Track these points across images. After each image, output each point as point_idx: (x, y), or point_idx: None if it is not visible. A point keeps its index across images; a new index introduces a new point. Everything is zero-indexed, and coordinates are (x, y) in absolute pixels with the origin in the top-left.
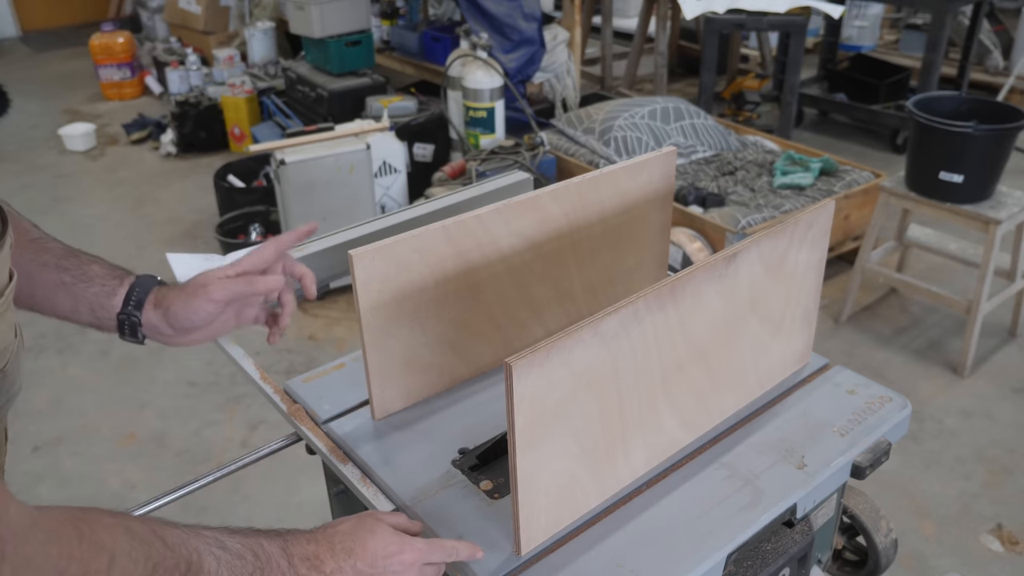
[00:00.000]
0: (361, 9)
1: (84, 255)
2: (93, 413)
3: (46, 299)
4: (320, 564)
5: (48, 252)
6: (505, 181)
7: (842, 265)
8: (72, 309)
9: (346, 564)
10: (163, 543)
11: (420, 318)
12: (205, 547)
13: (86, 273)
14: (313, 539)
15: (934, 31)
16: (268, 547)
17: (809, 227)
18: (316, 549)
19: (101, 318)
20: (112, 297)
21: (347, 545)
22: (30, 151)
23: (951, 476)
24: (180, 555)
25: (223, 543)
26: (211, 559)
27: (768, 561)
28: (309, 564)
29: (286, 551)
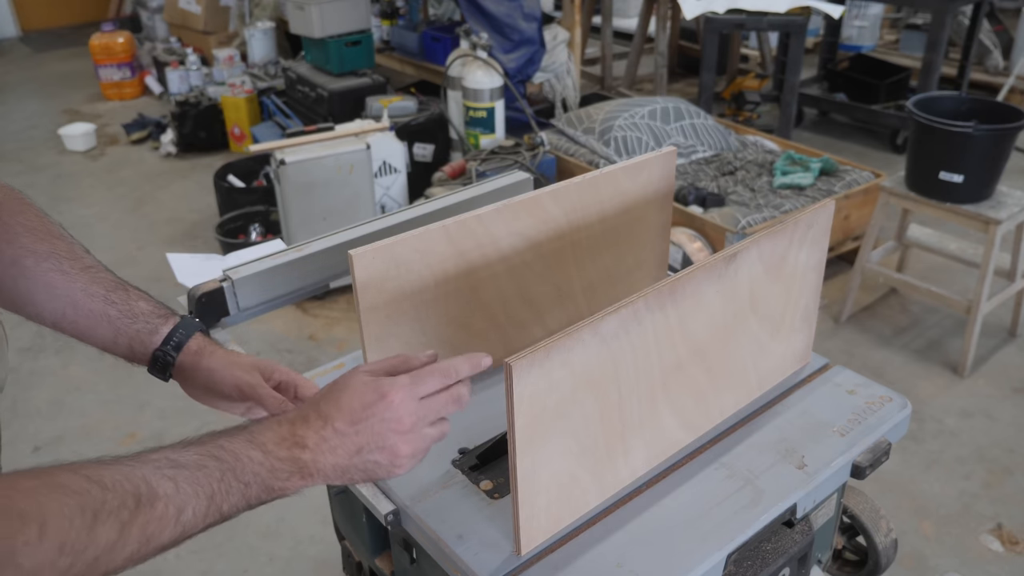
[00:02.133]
0: (361, 9)
1: (132, 289)
2: (93, 413)
3: (88, 328)
4: (300, 440)
5: (99, 283)
6: (505, 181)
7: (842, 265)
8: (111, 342)
9: (326, 431)
10: (100, 486)
11: (420, 318)
12: (154, 472)
13: (132, 309)
14: (285, 420)
15: (934, 31)
16: (230, 445)
17: (809, 227)
18: (290, 428)
19: (137, 352)
20: (154, 335)
21: (322, 411)
22: (30, 151)
23: (951, 476)
24: (124, 491)
25: (175, 460)
26: (164, 482)
27: (768, 561)
28: (288, 444)
29: (254, 441)
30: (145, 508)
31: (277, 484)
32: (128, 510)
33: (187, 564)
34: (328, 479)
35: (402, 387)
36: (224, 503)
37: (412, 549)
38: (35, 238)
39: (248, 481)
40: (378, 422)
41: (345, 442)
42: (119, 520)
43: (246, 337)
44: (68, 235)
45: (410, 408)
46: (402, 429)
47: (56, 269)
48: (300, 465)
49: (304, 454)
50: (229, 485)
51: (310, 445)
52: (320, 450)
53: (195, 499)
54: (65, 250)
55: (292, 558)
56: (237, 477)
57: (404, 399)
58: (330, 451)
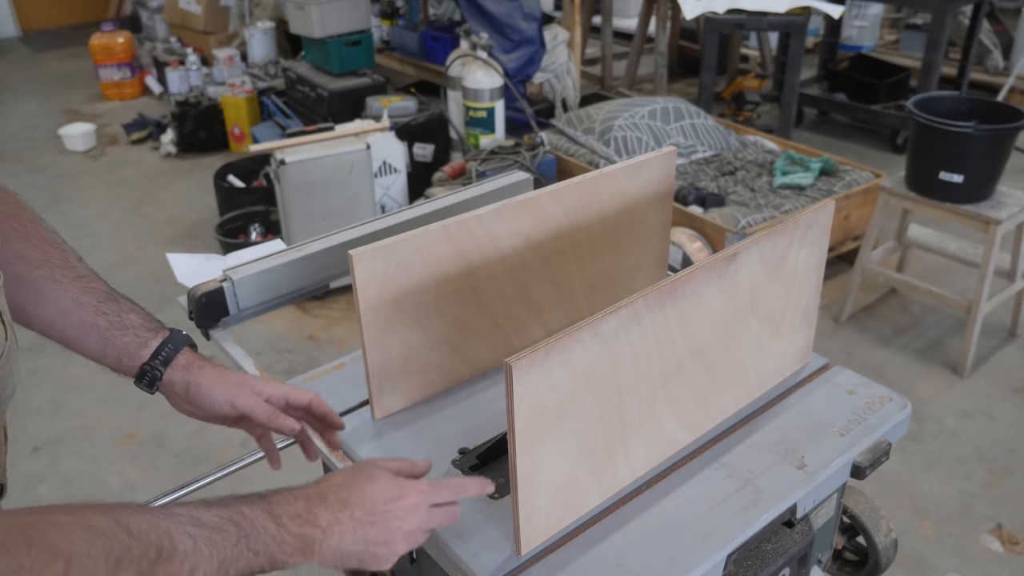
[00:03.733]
0: (361, 9)
1: (124, 301)
2: (93, 413)
3: (77, 338)
4: (313, 519)
5: (90, 293)
6: (505, 181)
7: (842, 265)
8: (100, 353)
9: (343, 515)
10: (127, 533)
11: (420, 318)
12: (177, 527)
13: (123, 321)
14: (302, 495)
15: (934, 31)
16: (250, 513)
17: (809, 227)
18: (307, 505)
19: (124, 364)
20: (142, 348)
21: (342, 496)
22: (30, 151)
23: (951, 476)
24: (148, 541)
25: (198, 519)
26: (185, 539)
27: (768, 561)
28: (301, 521)
29: (271, 512)
30: (164, 562)
31: (281, 558)
32: (148, 561)
33: None
34: (326, 560)
35: (421, 492)
36: (232, 568)
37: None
38: (28, 244)
39: (258, 551)
40: (393, 519)
41: (358, 531)
42: (138, 570)
43: (246, 337)
44: (62, 242)
45: (421, 513)
46: (407, 530)
47: (48, 277)
48: (307, 543)
49: (315, 533)
50: (240, 552)
51: (322, 525)
52: (330, 532)
53: (208, 561)
54: (58, 258)
55: None
56: (249, 546)
57: (419, 504)
58: (339, 535)
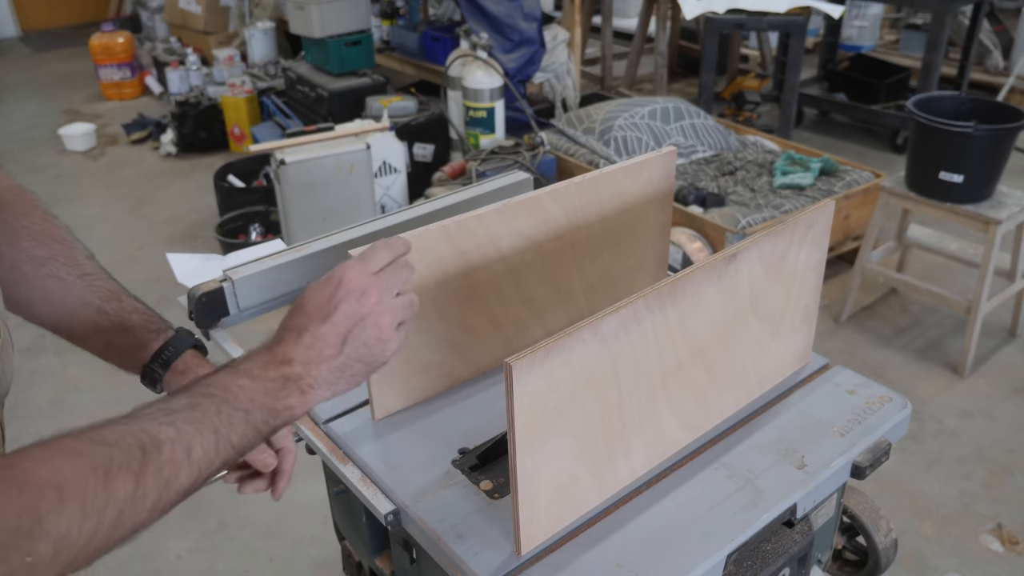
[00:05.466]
0: (361, 9)
1: (128, 299)
2: (93, 413)
3: (82, 336)
4: (282, 356)
5: (94, 292)
6: (505, 181)
7: (842, 265)
8: (102, 352)
9: (305, 338)
10: (105, 445)
11: (420, 318)
12: (151, 422)
13: (124, 322)
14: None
15: (934, 31)
16: (217, 380)
17: (809, 227)
18: (268, 353)
19: (127, 364)
20: (143, 350)
21: (292, 326)
22: (30, 151)
23: (951, 476)
24: (128, 444)
25: (167, 408)
26: (164, 427)
27: (768, 561)
28: (274, 364)
29: (238, 370)
30: (153, 455)
31: (279, 404)
32: (137, 460)
33: (187, 564)
34: (330, 385)
35: (352, 267)
36: (232, 433)
37: (412, 549)
38: (36, 242)
39: (247, 407)
40: (348, 304)
41: (328, 340)
42: (131, 471)
43: (246, 337)
44: (73, 239)
45: (369, 280)
46: (371, 302)
47: (53, 276)
48: (294, 380)
49: (294, 368)
50: (230, 416)
51: (297, 358)
52: (308, 360)
53: (199, 436)
54: (65, 256)
55: (292, 558)
56: (234, 406)
57: (360, 275)
58: (318, 356)
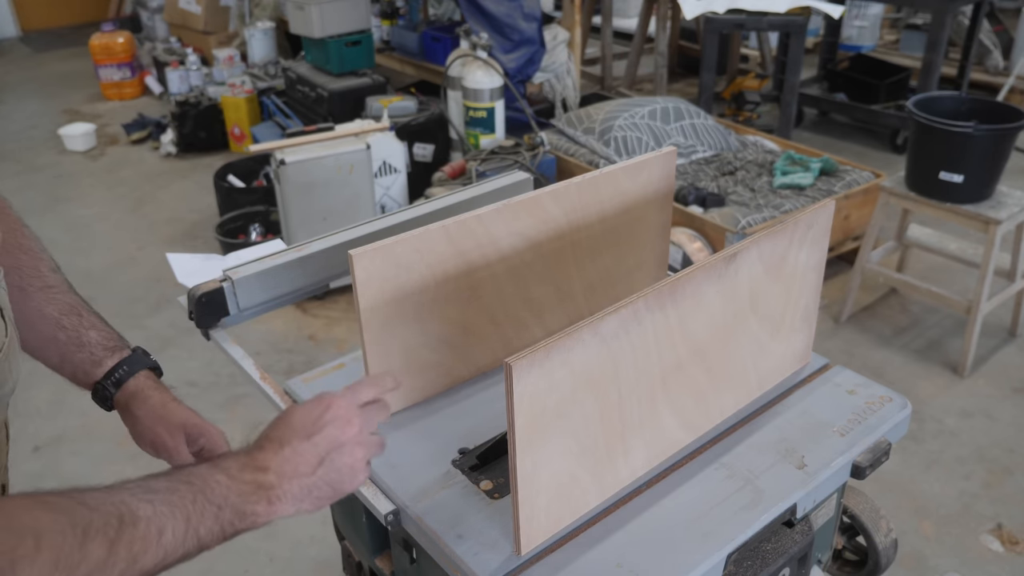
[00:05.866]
0: (361, 9)
1: (88, 315)
2: (92, 413)
3: (38, 348)
4: (261, 463)
5: (54, 304)
6: (505, 181)
7: (842, 265)
8: (57, 365)
9: (285, 451)
10: (86, 507)
11: (420, 318)
12: (131, 496)
13: (81, 338)
14: (242, 450)
15: (934, 31)
16: (198, 471)
17: (809, 227)
18: (247, 455)
19: (80, 381)
20: (96, 367)
21: (275, 436)
22: (30, 151)
23: (951, 476)
24: (107, 512)
25: (149, 487)
26: (143, 504)
27: (768, 561)
28: (250, 468)
29: (218, 466)
30: (128, 527)
31: (248, 508)
32: (114, 528)
33: (187, 564)
34: (297, 501)
35: (342, 396)
36: (200, 526)
37: (412, 549)
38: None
39: (220, 504)
40: (331, 429)
41: (306, 458)
42: (107, 537)
43: (246, 337)
44: (40, 249)
45: (355, 411)
46: (352, 432)
47: (15, 286)
48: (266, 488)
49: (268, 477)
50: (203, 508)
51: (272, 468)
52: (283, 472)
53: (172, 520)
54: (29, 266)
55: (292, 558)
56: (208, 499)
57: (348, 406)
58: (292, 472)
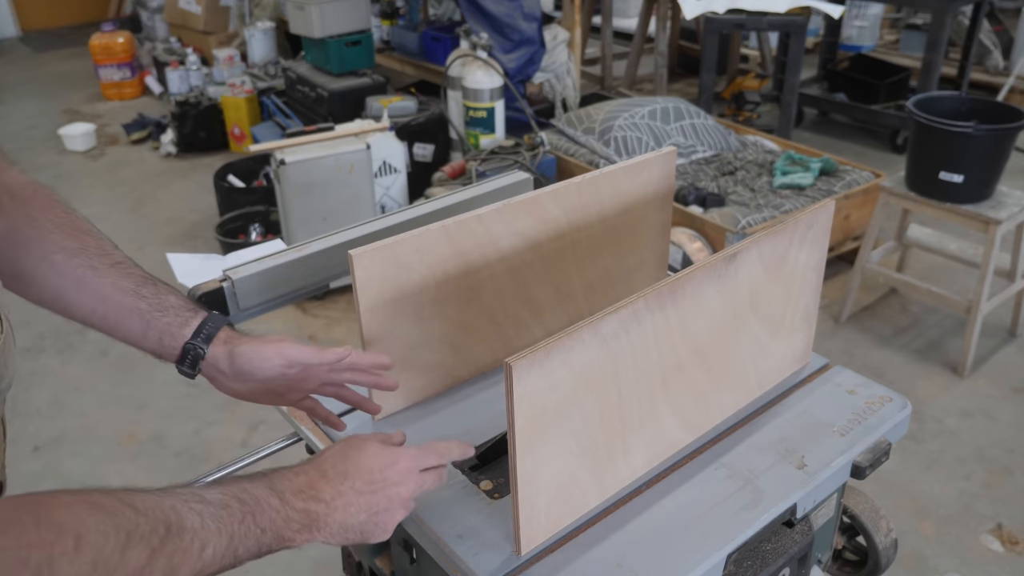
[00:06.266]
0: (361, 9)
1: (162, 284)
2: (93, 413)
3: (119, 322)
4: (317, 493)
5: (129, 278)
6: (505, 181)
7: (842, 265)
8: (141, 335)
9: (344, 486)
10: (134, 510)
11: (420, 318)
12: (182, 504)
13: (163, 302)
14: (302, 471)
15: (934, 31)
16: (253, 490)
17: (809, 227)
18: (308, 479)
19: (166, 346)
20: (184, 327)
21: (340, 468)
22: (30, 151)
23: (951, 476)
24: (156, 518)
25: (202, 497)
26: (192, 515)
27: (768, 561)
28: (304, 496)
29: (273, 488)
30: (174, 538)
31: (287, 535)
32: (159, 537)
33: None
34: (331, 536)
35: (412, 457)
36: (240, 546)
37: (412, 549)
38: (64, 234)
39: (265, 527)
40: (391, 486)
41: (360, 501)
42: (150, 546)
43: None
44: (97, 231)
45: (414, 477)
46: (404, 496)
47: (86, 265)
48: (312, 518)
49: (319, 507)
50: (248, 529)
51: (326, 499)
52: (334, 506)
53: (217, 537)
54: (94, 246)
55: (292, 558)
56: (256, 522)
57: (412, 469)
58: (343, 508)
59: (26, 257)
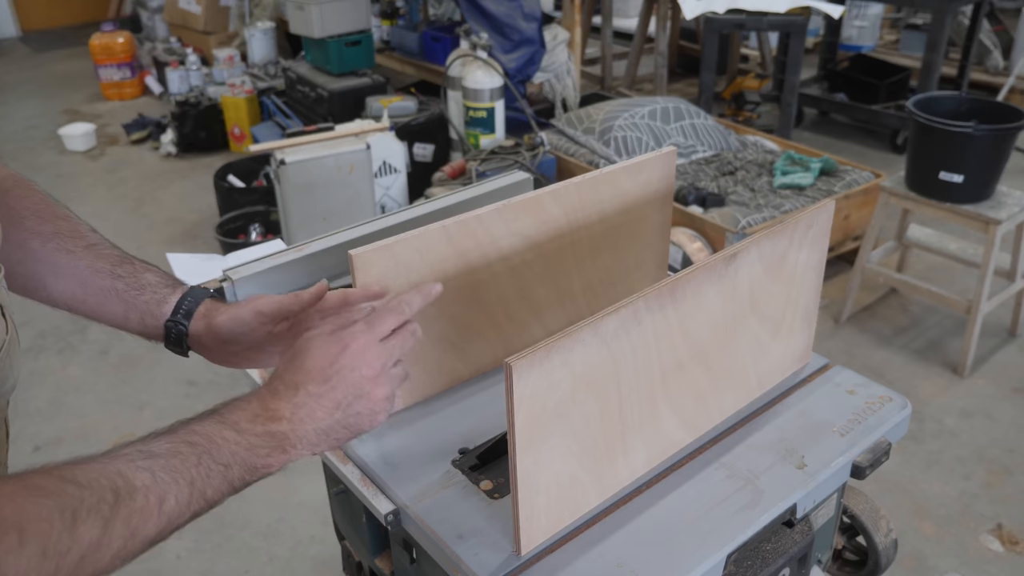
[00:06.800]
0: (361, 9)
1: (139, 262)
2: (93, 413)
3: (99, 305)
4: (273, 413)
5: (104, 259)
6: (505, 181)
7: (842, 265)
8: (123, 317)
9: (299, 397)
10: (76, 485)
11: (420, 318)
12: (128, 465)
13: (139, 281)
14: (253, 397)
15: (934, 31)
16: (202, 429)
17: (809, 227)
18: (260, 403)
19: (149, 326)
20: (163, 305)
21: (289, 380)
22: (30, 151)
23: (951, 476)
24: (101, 487)
25: (148, 451)
26: (141, 473)
27: (768, 561)
28: (261, 419)
29: (225, 421)
30: (125, 501)
31: (259, 462)
32: (108, 505)
33: (187, 564)
34: (313, 446)
35: (362, 333)
36: (207, 488)
37: (412, 549)
38: (39, 220)
39: (227, 462)
40: (348, 372)
41: (322, 402)
42: (100, 517)
43: None
44: (73, 215)
45: (374, 351)
46: (372, 374)
47: (61, 248)
48: (279, 439)
49: (281, 425)
50: (208, 469)
51: (286, 415)
52: (297, 418)
53: (175, 486)
54: (68, 229)
55: (292, 558)
56: (215, 459)
57: (366, 344)
58: (308, 416)
59: (4, 247)
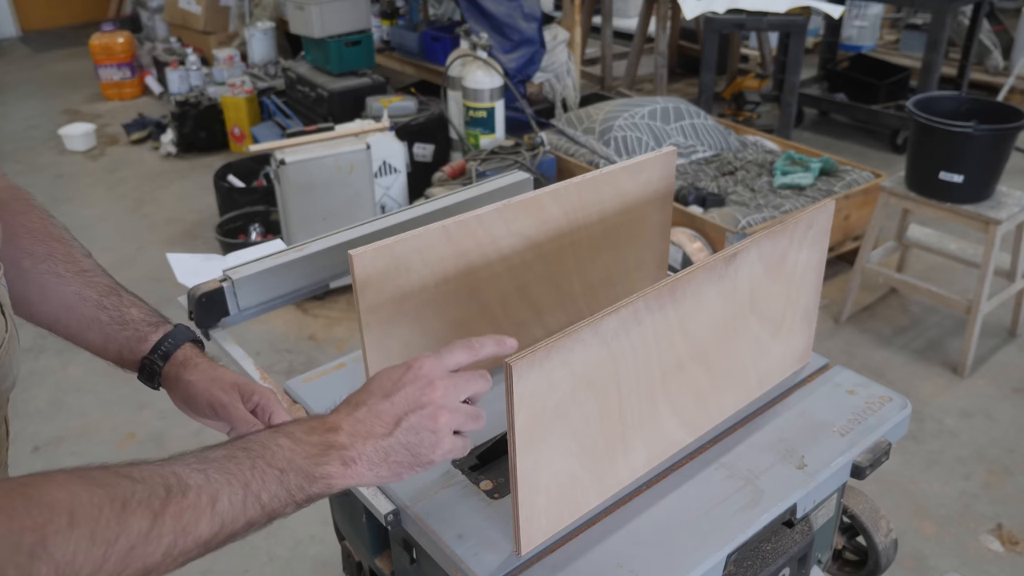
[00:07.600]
0: (361, 9)
1: (127, 295)
2: (93, 413)
3: (80, 332)
4: (332, 424)
5: (93, 287)
6: (505, 181)
7: (842, 265)
8: (102, 347)
9: (359, 412)
10: (129, 480)
11: (420, 318)
12: (184, 467)
13: (123, 316)
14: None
15: (934, 31)
16: (258, 437)
17: (809, 227)
18: (318, 419)
19: (126, 359)
20: (142, 343)
21: (351, 400)
22: (30, 151)
23: (951, 476)
24: (154, 483)
25: (203, 457)
26: (195, 474)
27: (768, 561)
28: (318, 430)
29: (281, 431)
30: (176, 497)
31: (317, 471)
32: (159, 499)
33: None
34: (374, 466)
35: (428, 357)
36: (262, 492)
37: (412, 549)
38: (34, 240)
39: (283, 467)
40: (411, 388)
41: (383, 417)
42: (150, 509)
43: (246, 337)
44: (70, 237)
45: (440, 374)
46: (435, 394)
47: (51, 272)
48: (337, 448)
49: (339, 437)
50: (263, 472)
51: (344, 428)
52: (356, 432)
53: (228, 487)
54: (63, 253)
55: (292, 558)
56: (269, 463)
57: (432, 367)
58: (367, 431)
59: None
